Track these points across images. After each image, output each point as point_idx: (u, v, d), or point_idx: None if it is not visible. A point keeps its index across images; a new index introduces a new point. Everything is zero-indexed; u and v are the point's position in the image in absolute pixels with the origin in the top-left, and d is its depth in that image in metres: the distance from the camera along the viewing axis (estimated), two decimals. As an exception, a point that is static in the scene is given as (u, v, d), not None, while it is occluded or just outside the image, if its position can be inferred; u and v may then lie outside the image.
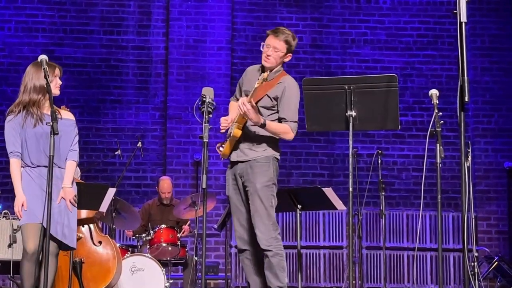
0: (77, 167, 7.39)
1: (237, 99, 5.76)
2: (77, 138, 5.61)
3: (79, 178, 7.41)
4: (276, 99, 5.51)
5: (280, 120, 5.54)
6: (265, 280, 5.54)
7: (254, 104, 5.34)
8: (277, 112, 5.54)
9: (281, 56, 5.53)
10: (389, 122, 4.99)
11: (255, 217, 5.44)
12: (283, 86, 5.51)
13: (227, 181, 5.67)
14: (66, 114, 5.59)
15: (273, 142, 5.57)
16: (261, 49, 5.58)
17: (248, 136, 5.52)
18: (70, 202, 5.44)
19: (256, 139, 5.53)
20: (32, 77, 5.44)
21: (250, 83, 5.59)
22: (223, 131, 5.62)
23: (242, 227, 5.57)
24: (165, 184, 8.96)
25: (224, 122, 5.59)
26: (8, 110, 5.50)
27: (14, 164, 5.40)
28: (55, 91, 5.47)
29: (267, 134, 5.51)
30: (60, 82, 5.56)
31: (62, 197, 5.39)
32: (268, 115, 5.52)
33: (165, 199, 8.93)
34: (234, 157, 5.56)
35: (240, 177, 5.53)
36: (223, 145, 5.65)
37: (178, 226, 8.51)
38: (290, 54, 5.58)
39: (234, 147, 5.56)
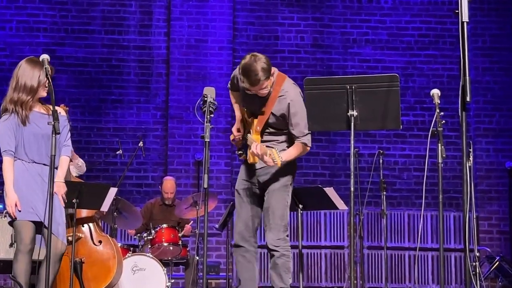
0: (84, 163, 7.46)
1: (232, 89, 5.68)
2: (69, 134, 5.58)
3: (83, 172, 7.45)
4: (283, 116, 5.43)
5: (291, 136, 5.49)
6: (255, 278, 5.53)
7: (266, 152, 5.26)
8: (285, 126, 5.48)
9: (270, 84, 5.36)
10: (390, 122, 4.98)
11: (269, 215, 5.43)
12: (286, 102, 5.39)
13: (240, 175, 5.62)
14: (58, 110, 5.55)
15: (292, 142, 5.56)
16: (246, 91, 5.37)
17: (270, 144, 5.46)
18: (62, 197, 5.42)
19: (278, 146, 5.46)
20: (24, 74, 5.40)
21: (252, 104, 5.49)
22: (239, 139, 5.61)
23: (244, 224, 5.53)
24: (168, 184, 8.96)
25: (238, 134, 5.56)
26: (2, 108, 5.47)
27: (7, 162, 5.37)
28: (44, 93, 5.43)
29: (286, 138, 5.49)
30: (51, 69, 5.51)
31: (55, 192, 5.37)
32: (280, 128, 5.48)
33: (167, 199, 8.93)
34: (258, 165, 5.51)
35: (258, 173, 5.50)
36: (244, 153, 5.61)
37: (180, 226, 8.51)
38: (274, 70, 5.37)
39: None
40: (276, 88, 5.41)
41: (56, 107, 5.49)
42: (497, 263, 9.17)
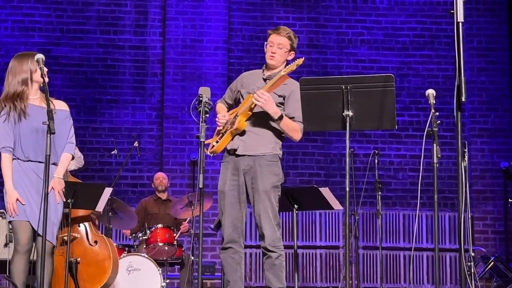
0: (82, 155, 7.44)
1: (226, 103, 5.75)
2: (72, 129, 5.49)
3: (82, 164, 7.45)
4: (283, 97, 5.51)
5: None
6: (243, 278, 5.52)
7: (270, 96, 5.35)
8: (283, 110, 5.52)
9: (285, 52, 5.57)
10: (385, 122, 4.98)
11: (263, 217, 5.41)
12: (290, 89, 5.49)
13: (223, 175, 5.56)
14: (59, 104, 5.43)
15: (280, 140, 5.57)
16: (265, 49, 5.60)
17: (256, 130, 5.49)
18: (59, 193, 5.37)
19: (265, 134, 5.49)
20: (14, 70, 5.39)
21: (251, 85, 5.57)
22: (221, 127, 5.58)
23: (232, 225, 5.48)
24: (159, 173, 9.10)
25: (222, 118, 5.55)
26: None
27: (5, 159, 5.32)
28: (39, 78, 5.35)
29: (275, 130, 5.49)
30: (46, 69, 5.40)
31: (52, 187, 5.32)
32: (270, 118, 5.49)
33: (160, 185, 8.92)
34: (240, 150, 5.48)
35: (244, 174, 5.49)
36: (215, 142, 5.60)
37: (175, 226, 8.51)
38: (293, 52, 5.62)
39: (238, 140, 5.50)
40: (282, 78, 5.48)
41: (59, 101, 5.49)
42: (492, 263, 9.17)
